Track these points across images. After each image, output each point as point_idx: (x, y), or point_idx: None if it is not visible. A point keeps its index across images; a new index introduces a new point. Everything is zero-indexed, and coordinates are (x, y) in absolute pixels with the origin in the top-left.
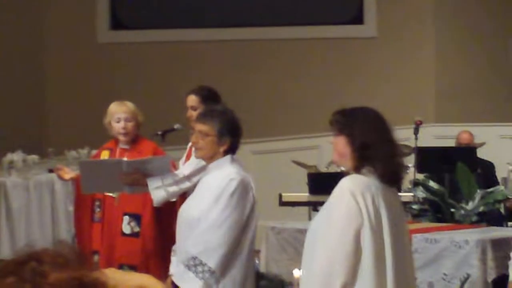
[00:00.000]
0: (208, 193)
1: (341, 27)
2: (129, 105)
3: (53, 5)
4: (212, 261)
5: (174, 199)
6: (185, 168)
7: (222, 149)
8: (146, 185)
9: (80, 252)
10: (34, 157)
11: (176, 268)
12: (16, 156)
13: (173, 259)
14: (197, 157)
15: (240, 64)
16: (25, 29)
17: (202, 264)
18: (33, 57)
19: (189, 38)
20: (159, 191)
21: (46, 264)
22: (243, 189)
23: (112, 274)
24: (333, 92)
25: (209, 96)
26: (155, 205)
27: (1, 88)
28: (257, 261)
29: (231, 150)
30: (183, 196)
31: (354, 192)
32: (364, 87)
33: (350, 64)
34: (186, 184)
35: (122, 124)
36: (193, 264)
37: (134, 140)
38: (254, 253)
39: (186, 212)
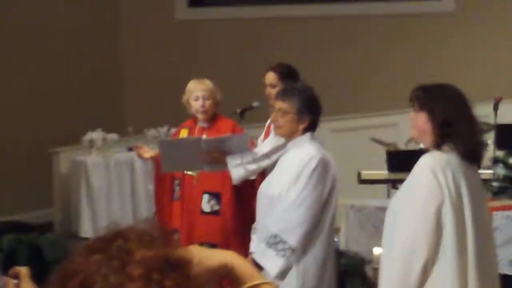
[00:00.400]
0: (288, 171)
1: (419, 3)
2: (207, 83)
3: None
4: (293, 239)
5: (253, 177)
6: (264, 145)
7: (301, 127)
8: (226, 163)
9: (165, 230)
10: (113, 136)
11: (256, 246)
12: (96, 135)
13: (253, 237)
14: (276, 135)
15: (318, 42)
16: (102, 7)
17: (283, 242)
18: (111, 35)
19: (268, 14)
20: (238, 169)
21: (132, 241)
22: (323, 167)
23: (195, 251)
24: (411, 69)
25: (288, 74)
26: (234, 183)
27: (80, 68)
28: (336, 239)
29: (311, 128)
30: (263, 174)
31: (434, 169)
32: (443, 63)
33: (429, 40)
34: (266, 162)
35: (200, 102)
36: (274, 242)
37: (213, 118)
38: (334, 231)
39: (266, 190)
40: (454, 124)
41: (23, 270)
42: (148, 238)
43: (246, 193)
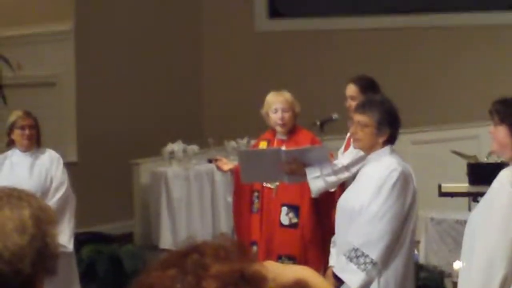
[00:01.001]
0: (368, 184)
1: (496, 13)
2: (286, 95)
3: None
4: (374, 252)
5: (332, 189)
6: (344, 158)
7: (381, 139)
8: (305, 174)
9: (241, 245)
10: (194, 147)
11: (336, 260)
12: (177, 146)
13: (333, 250)
14: (355, 148)
15: (397, 53)
16: (183, 19)
17: (364, 255)
18: (191, 46)
19: (346, 26)
20: (317, 181)
21: (207, 256)
22: (404, 180)
23: (271, 266)
24: (491, 81)
25: (368, 86)
26: (313, 195)
27: (161, 79)
28: (416, 252)
29: (390, 140)
30: (342, 186)
31: None
32: None
33: (506, 52)
34: (345, 174)
35: (279, 114)
36: (355, 255)
37: (292, 130)
38: (414, 244)
39: (346, 203)
40: None
41: None
42: (224, 253)
43: (325, 206)
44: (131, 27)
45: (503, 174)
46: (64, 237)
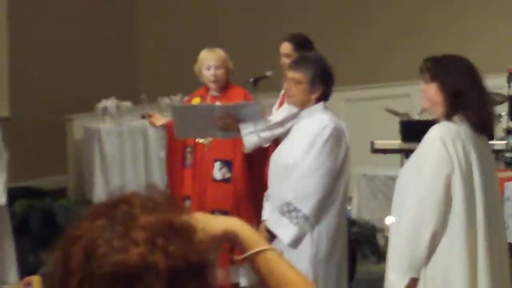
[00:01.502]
0: (301, 139)
1: None
2: (219, 52)
3: None
4: (307, 207)
5: (266, 145)
6: (277, 114)
7: (314, 96)
8: (239, 130)
9: (170, 196)
10: (127, 104)
11: (269, 214)
12: (110, 103)
13: (266, 205)
14: (289, 104)
15: (333, 13)
16: None
17: (296, 210)
18: (126, 2)
19: None
20: (251, 136)
21: (136, 207)
22: (336, 136)
23: (200, 217)
24: (425, 41)
25: (302, 44)
26: (246, 150)
27: (95, 35)
28: (349, 208)
29: (324, 97)
30: (276, 142)
31: (444, 140)
32: (457, 35)
33: (442, 12)
34: (279, 130)
35: (212, 71)
36: (287, 210)
37: (225, 87)
38: (346, 199)
39: (279, 158)
40: (464, 95)
41: (36, 279)
42: (152, 204)
43: (258, 161)
44: None
45: (434, 131)
46: None
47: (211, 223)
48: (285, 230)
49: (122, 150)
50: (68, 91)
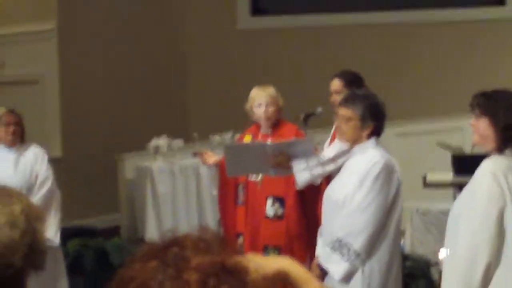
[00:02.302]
0: (352, 176)
1: (485, 9)
2: (270, 90)
3: None
4: (358, 243)
5: (318, 181)
6: (329, 150)
7: (365, 133)
8: (290, 167)
9: (223, 237)
10: (179, 142)
11: (321, 250)
12: (162, 141)
13: (319, 241)
14: (340, 141)
15: (382, 48)
16: (166, 15)
17: (347, 246)
18: (175, 43)
19: (332, 22)
20: (303, 173)
21: (188, 249)
22: (387, 172)
23: (253, 258)
24: (477, 74)
25: (352, 80)
26: (298, 187)
27: (145, 75)
28: (402, 242)
29: (375, 133)
30: (328, 178)
31: (496, 174)
32: (506, 70)
33: (494, 46)
34: (331, 167)
35: (263, 109)
36: (339, 246)
37: (276, 124)
38: (399, 234)
39: (331, 194)
40: None
41: None
42: (204, 245)
43: (310, 197)
44: (114, 24)
45: (485, 165)
46: (51, 231)
47: (264, 264)
48: (336, 266)
49: (174, 188)
50: (120, 130)
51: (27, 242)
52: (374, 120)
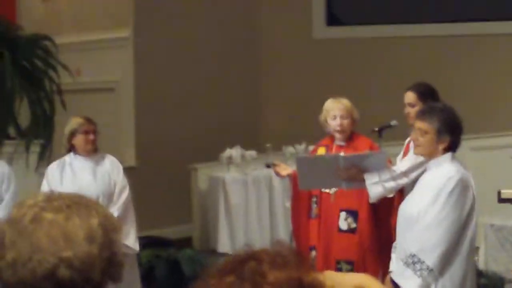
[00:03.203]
0: (427, 191)
1: None
2: (345, 102)
3: (269, 2)
4: (431, 259)
5: (391, 195)
6: (402, 164)
7: (441, 147)
8: (363, 180)
9: (299, 252)
10: (252, 153)
11: (395, 265)
12: (235, 152)
13: (393, 256)
14: (416, 154)
15: (457, 60)
16: (241, 26)
17: (420, 262)
18: (249, 53)
19: (405, 33)
20: (376, 187)
21: (265, 263)
22: (462, 187)
23: (329, 274)
24: None
25: (427, 93)
26: (371, 201)
27: (219, 85)
28: (476, 259)
29: (451, 147)
30: (401, 192)
31: None
32: None
33: None
34: (404, 180)
35: (338, 121)
36: (412, 261)
37: (350, 136)
38: (473, 251)
39: (405, 209)
40: None
41: None
42: (281, 260)
43: (383, 211)
44: (188, 33)
45: None
46: (130, 239)
47: (341, 281)
48: (409, 282)
49: (247, 199)
50: (193, 141)
51: (106, 256)
52: (451, 134)
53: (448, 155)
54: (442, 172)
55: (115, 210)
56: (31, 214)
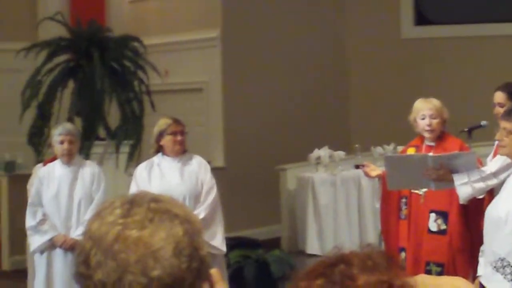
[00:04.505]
0: None
1: None
2: (435, 102)
3: (357, 1)
4: None
5: (481, 196)
6: (491, 164)
7: None
8: (452, 181)
9: (389, 255)
10: (340, 153)
11: (484, 270)
12: (323, 152)
13: (481, 260)
14: (501, 155)
15: None
16: (328, 26)
17: (510, 265)
18: (338, 53)
19: (492, 33)
20: (465, 187)
21: (355, 266)
22: None
23: (421, 278)
24: None
25: None
26: (461, 201)
27: (308, 85)
28: None
29: None
30: (491, 193)
31: None
32: None
33: None
34: (493, 181)
35: (427, 121)
36: (501, 265)
37: (440, 137)
38: None
39: (493, 211)
40: None
41: (216, 273)
42: (371, 264)
43: (473, 213)
44: (277, 33)
45: None
46: (218, 239)
47: (434, 285)
48: (499, 286)
49: (336, 200)
50: (282, 141)
51: (194, 266)
52: None
53: None
54: None
55: (202, 211)
56: (114, 233)
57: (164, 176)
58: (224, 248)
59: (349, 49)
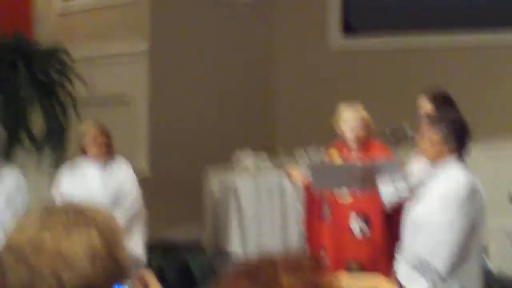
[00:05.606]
0: (435, 195)
1: None
2: (362, 112)
3: (283, 11)
4: (439, 262)
5: (404, 199)
6: (414, 168)
7: (448, 153)
8: (376, 184)
9: (313, 257)
10: (263, 156)
11: (401, 268)
12: (247, 155)
13: (398, 258)
14: (421, 157)
15: (473, 72)
16: (255, 35)
17: (429, 265)
18: (264, 64)
19: (423, 45)
20: (389, 191)
21: (279, 268)
22: (470, 191)
23: (344, 278)
24: None
25: (442, 101)
26: (385, 205)
27: (234, 96)
28: (486, 261)
29: (458, 153)
30: (412, 196)
31: None
32: None
33: None
34: (415, 185)
35: (354, 133)
36: (420, 266)
37: (365, 143)
38: (482, 255)
39: (412, 213)
40: None
41: (149, 275)
42: (295, 265)
43: (396, 215)
44: (203, 44)
45: None
46: (137, 248)
47: (356, 284)
48: (417, 285)
49: (259, 201)
50: (205, 148)
51: (109, 268)
52: (457, 140)
53: (455, 160)
54: (449, 177)
55: (123, 215)
56: (28, 238)
57: (86, 180)
58: (143, 255)
59: (276, 56)
